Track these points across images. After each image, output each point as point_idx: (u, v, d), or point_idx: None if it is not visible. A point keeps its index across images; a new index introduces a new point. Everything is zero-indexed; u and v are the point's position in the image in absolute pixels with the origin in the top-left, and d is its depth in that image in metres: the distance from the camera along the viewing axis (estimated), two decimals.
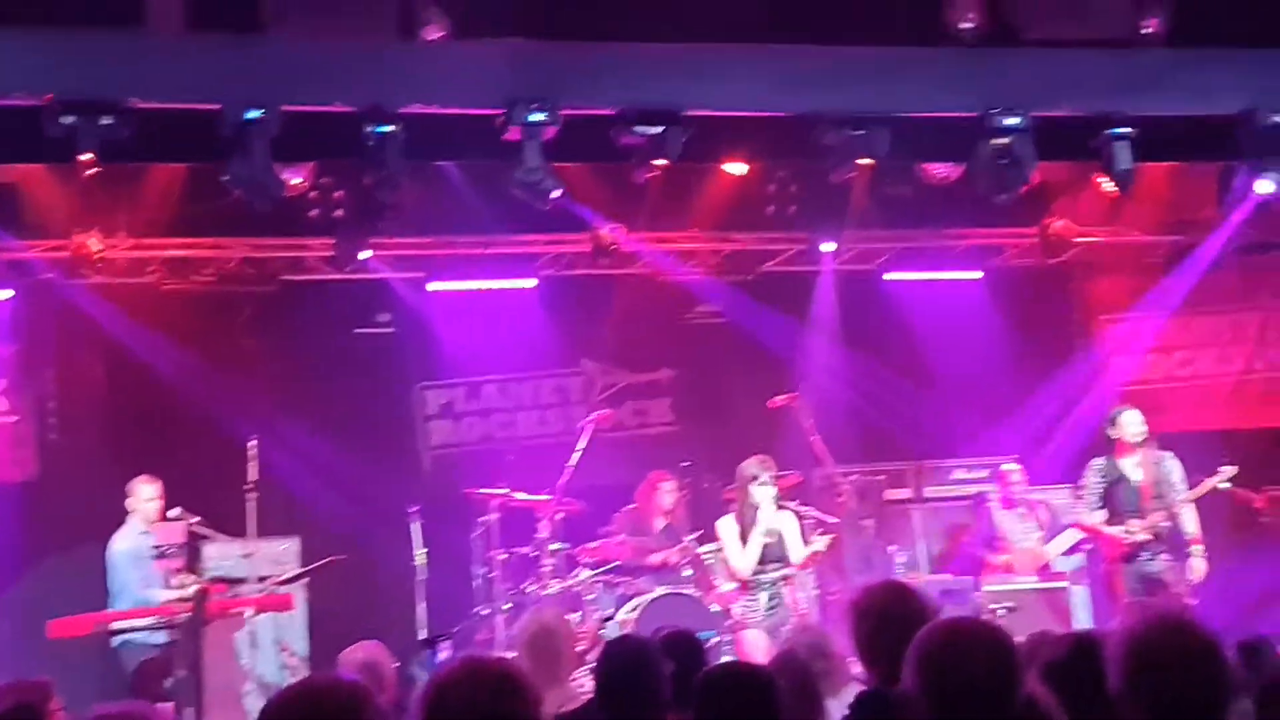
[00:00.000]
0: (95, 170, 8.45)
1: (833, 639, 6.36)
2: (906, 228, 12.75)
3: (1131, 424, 10.31)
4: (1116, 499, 10.27)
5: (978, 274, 13.37)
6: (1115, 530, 10.20)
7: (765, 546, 9.85)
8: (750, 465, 9.97)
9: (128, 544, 9.77)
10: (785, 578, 9.93)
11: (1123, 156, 9.38)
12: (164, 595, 9.56)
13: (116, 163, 8.69)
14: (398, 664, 7.01)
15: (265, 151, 8.38)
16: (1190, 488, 10.27)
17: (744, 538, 9.89)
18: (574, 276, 12.81)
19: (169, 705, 8.50)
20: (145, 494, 9.90)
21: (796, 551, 10.01)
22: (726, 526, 10.00)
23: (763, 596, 9.84)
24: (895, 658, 3.91)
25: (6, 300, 11.67)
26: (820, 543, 10.06)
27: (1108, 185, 9.72)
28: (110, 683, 9.50)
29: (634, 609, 10.28)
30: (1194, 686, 3.57)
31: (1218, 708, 3.60)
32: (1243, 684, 4.12)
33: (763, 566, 9.87)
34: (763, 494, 9.86)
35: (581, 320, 13.04)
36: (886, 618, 4.38)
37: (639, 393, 13.55)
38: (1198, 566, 10.10)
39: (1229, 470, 10.32)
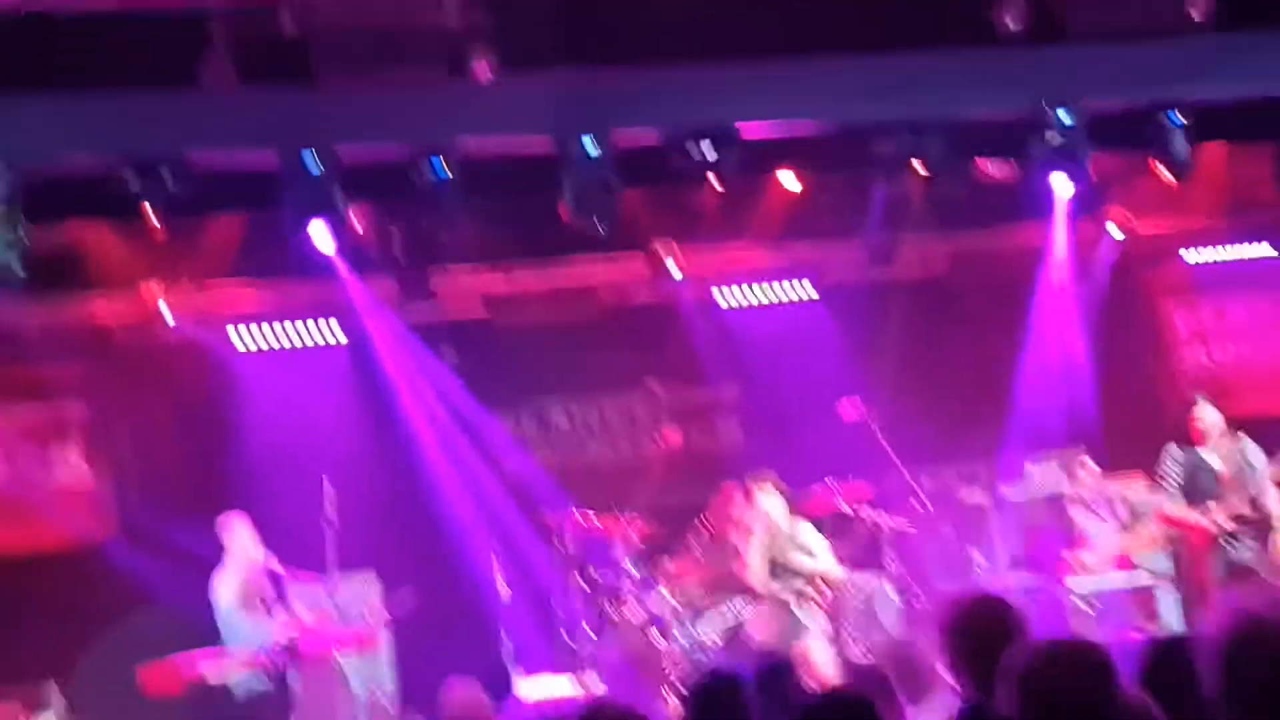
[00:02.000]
0: (159, 226, 8.58)
1: (919, 652, 6.34)
2: (964, 229, 12.70)
3: (1206, 411, 10.19)
4: (1195, 485, 10.14)
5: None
6: (1198, 516, 10.07)
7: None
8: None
9: (233, 587, 9.74)
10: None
11: (1179, 143, 9.33)
12: (274, 633, 9.66)
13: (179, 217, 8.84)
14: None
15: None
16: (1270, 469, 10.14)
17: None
18: (633, 299, 12.80)
19: None
20: (243, 533, 9.90)
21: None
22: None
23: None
24: (988, 672, 3.90)
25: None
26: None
27: (1165, 173, 9.66)
28: None
29: (718, 626, 10.31)
30: None
31: None
32: None
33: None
34: (769, 503, 10.11)
35: (643, 343, 13.02)
36: (981, 636, 4.32)
37: (705, 410, 13.52)
38: None
39: None
